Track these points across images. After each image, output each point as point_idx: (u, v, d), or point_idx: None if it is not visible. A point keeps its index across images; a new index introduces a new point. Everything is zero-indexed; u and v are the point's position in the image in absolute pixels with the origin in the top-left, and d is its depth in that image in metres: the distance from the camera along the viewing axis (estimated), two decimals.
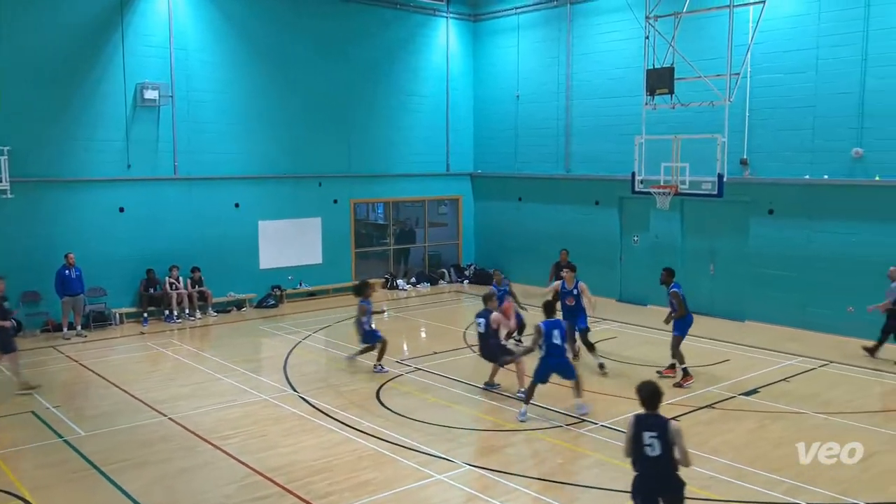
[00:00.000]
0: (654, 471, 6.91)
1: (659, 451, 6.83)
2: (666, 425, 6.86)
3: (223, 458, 9.95)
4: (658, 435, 6.82)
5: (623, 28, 19.56)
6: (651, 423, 6.90)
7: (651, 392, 6.96)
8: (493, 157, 24.03)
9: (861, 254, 15.85)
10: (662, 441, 6.81)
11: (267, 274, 20.43)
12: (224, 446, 10.32)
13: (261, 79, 20.17)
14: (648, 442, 6.85)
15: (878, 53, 15.44)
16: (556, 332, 11.31)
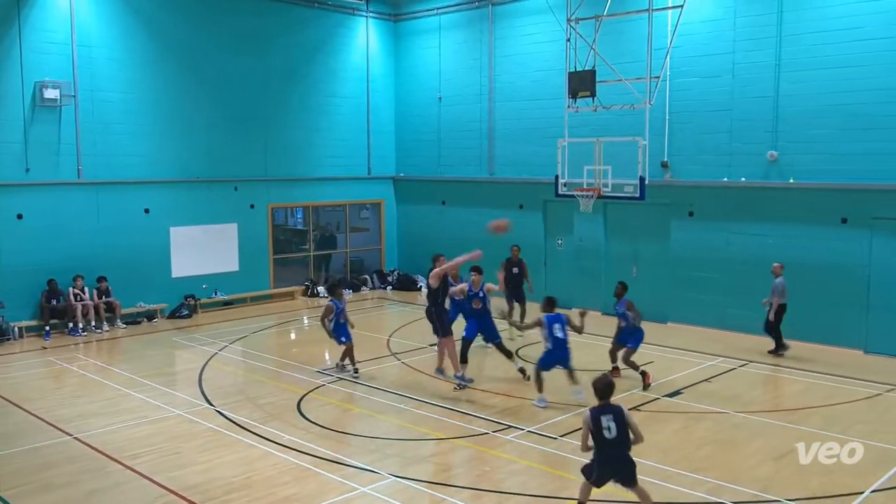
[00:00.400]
0: (612, 451, 7.82)
1: (615, 434, 7.75)
2: (621, 409, 7.86)
3: (134, 479, 9.40)
4: (614, 419, 7.77)
5: (545, 30, 19.60)
6: (607, 410, 7.84)
7: (606, 384, 7.95)
8: (415, 160, 23.78)
9: (777, 255, 16.18)
10: (618, 424, 7.76)
11: (180, 283, 19.60)
12: (135, 466, 9.75)
13: (172, 78, 19.38)
14: (606, 425, 7.76)
15: (790, 58, 15.84)
16: (556, 325, 11.87)
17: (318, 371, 14.19)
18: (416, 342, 16.36)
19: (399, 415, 11.87)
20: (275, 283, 21.77)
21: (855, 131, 15.15)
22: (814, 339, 15.69)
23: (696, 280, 17.22)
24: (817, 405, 12.17)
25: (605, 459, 7.89)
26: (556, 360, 12.08)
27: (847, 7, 15.10)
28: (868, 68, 14.87)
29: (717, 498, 8.79)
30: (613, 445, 7.80)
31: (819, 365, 14.43)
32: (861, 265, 15.25)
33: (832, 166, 15.48)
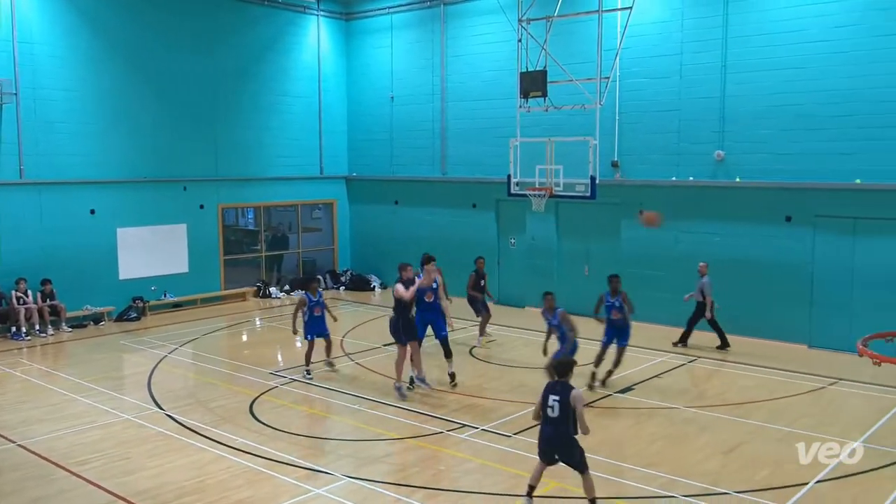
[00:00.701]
0: (552, 429, 8.10)
1: (558, 413, 8.01)
2: (569, 391, 8.01)
3: (81, 485, 9.17)
4: (560, 399, 8.00)
5: (496, 30, 19.68)
6: (557, 389, 8.11)
7: (561, 362, 8.37)
8: (368, 160, 23.67)
9: (723, 252, 16.55)
10: (562, 405, 7.98)
11: (127, 285, 19.19)
12: (82, 472, 9.52)
13: (118, 76, 18.96)
14: (551, 404, 8.06)
15: (736, 60, 16.17)
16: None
17: (271, 373, 14.03)
18: (370, 342, 16.30)
19: (353, 415, 11.81)
20: (226, 285, 21.46)
21: (798, 132, 15.53)
22: (760, 335, 16.06)
23: (646, 278, 17.45)
24: (764, 399, 12.45)
25: (543, 435, 8.27)
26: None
27: (790, 10, 15.47)
28: (810, 70, 15.27)
29: (668, 492, 8.93)
30: (553, 423, 8.10)
31: (765, 360, 14.76)
32: (805, 262, 15.65)
33: (777, 166, 15.86)
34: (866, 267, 14.95)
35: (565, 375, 8.22)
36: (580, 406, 8.01)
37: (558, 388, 8.13)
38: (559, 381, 8.21)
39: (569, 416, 8.00)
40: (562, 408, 8.00)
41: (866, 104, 14.70)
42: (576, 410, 7.99)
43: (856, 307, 15.02)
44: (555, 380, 8.26)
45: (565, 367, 8.29)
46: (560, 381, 8.19)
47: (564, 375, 8.22)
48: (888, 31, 14.38)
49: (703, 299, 15.30)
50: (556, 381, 8.23)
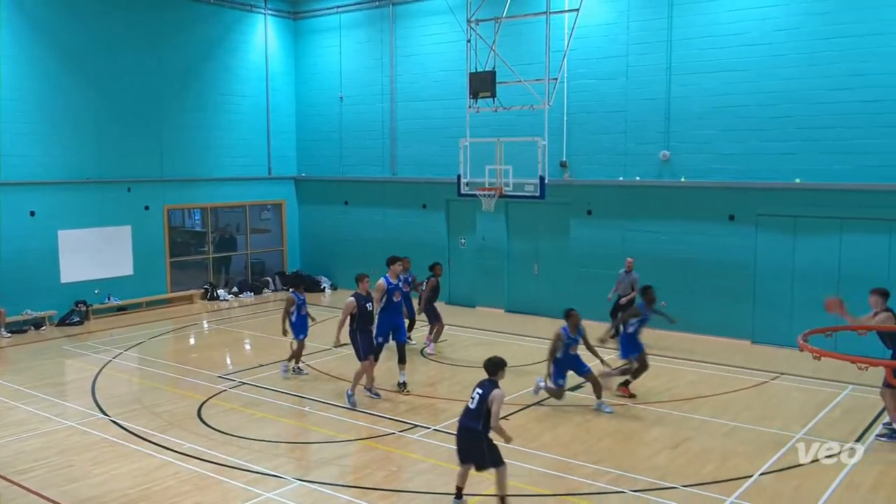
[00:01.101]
0: (465, 420, 8.28)
1: (474, 406, 8.18)
2: (491, 389, 8.15)
3: (22, 495, 8.94)
4: (481, 393, 8.16)
5: (445, 31, 19.71)
6: (483, 384, 8.28)
7: (490, 361, 8.42)
8: (317, 160, 23.49)
9: (669, 251, 16.87)
10: (481, 399, 8.13)
11: (69, 288, 18.72)
12: (23, 481, 9.28)
13: (60, 75, 18.49)
14: (473, 395, 8.25)
15: (680, 62, 16.48)
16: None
17: (219, 376, 13.84)
18: (320, 344, 16.16)
19: (303, 418, 11.72)
20: (172, 287, 21.09)
21: (740, 132, 15.90)
22: (705, 332, 16.40)
23: (594, 276, 17.67)
24: (709, 394, 12.71)
25: (458, 426, 8.43)
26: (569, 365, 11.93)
27: (733, 14, 15.82)
28: (752, 72, 15.63)
29: (617, 487, 9.06)
30: (466, 414, 8.27)
31: (710, 356, 15.08)
32: (748, 260, 16.03)
33: (720, 166, 16.21)
34: (806, 264, 15.38)
35: (495, 374, 8.34)
36: (496, 405, 8.07)
37: (485, 382, 8.30)
38: (488, 378, 8.33)
39: (482, 411, 8.10)
40: (479, 402, 8.14)
41: (805, 106, 15.12)
42: (491, 408, 8.07)
43: (797, 304, 15.43)
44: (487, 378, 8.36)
45: (495, 366, 8.38)
46: (488, 378, 8.33)
47: (494, 374, 8.34)
48: (825, 35, 14.81)
49: (632, 292, 15.69)
50: (486, 378, 8.34)
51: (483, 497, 8.84)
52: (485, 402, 8.11)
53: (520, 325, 17.89)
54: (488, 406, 8.09)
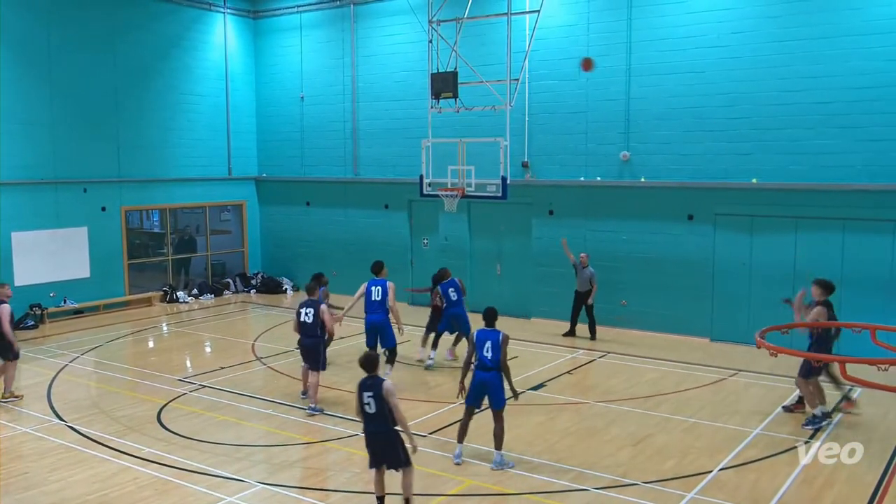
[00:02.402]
0: (372, 426, 8.06)
1: (374, 410, 7.97)
2: (380, 386, 7.95)
3: None
4: (373, 395, 7.94)
5: (407, 31, 19.69)
6: (369, 385, 8.02)
7: (366, 357, 8.20)
8: (278, 161, 23.30)
9: (630, 250, 17.07)
10: (377, 400, 7.92)
11: (24, 291, 18.25)
12: None
13: (14, 73, 18.06)
14: (366, 401, 8.00)
15: (639, 63, 16.66)
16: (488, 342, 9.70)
17: (179, 379, 13.65)
18: (282, 346, 16.05)
19: (266, 420, 11.61)
20: (130, 290, 20.75)
21: (698, 133, 16.13)
22: (664, 330, 16.62)
23: (556, 276, 17.79)
24: (669, 392, 12.88)
25: (366, 435, 8.20)
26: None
27: (692, 16, 16.04)
28: (710, 74, 15.87)
29: (579, 485, 9.14)
30: (372, 421, 8.04)
31: (670, 353, 15.29)
32: (706, 259, 16.27)
33: (679, 166, 16.43)
34: (763, 263, 15.66)
35: (369, 370, 8.10)
36: (393, 398, 7.93)
37: (369, 382, 8.04)
38: (369, 376, 8.08)
39: (384, 411, 7.95)
40: (377, 403, 7.94)
41: (760, 107, 15.40)
42: (389, 403, 7.92)
43: (754, 301, 15.70)
44: (367, 375, 8.12)
45: (372, 362, 8.17)
46: (371, 376, 8.07)
47: (373, 370, 8.12)
48: (779, 38, 15.10)
49: (591, 287, 16.20)
50: (367, 376, 8.09)
51: (449, 497, 8.85)
52: (381, 400, 7.91)
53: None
54: (387, 403, 7.93)
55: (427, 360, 14.36)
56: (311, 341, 11.76)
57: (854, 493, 8.95)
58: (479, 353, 9.63)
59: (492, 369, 9.53)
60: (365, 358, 8.19)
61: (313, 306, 11.75)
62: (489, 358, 9.52)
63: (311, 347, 11.77)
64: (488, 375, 9.55)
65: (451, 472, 9.53)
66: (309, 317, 11.69)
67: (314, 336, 11.75)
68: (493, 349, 9.53)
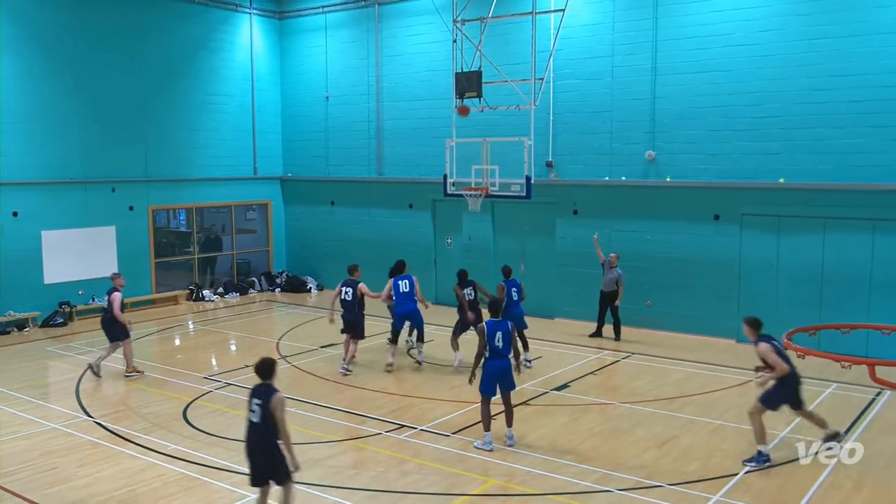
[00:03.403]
0: (253, 435, 7.62)
1: (259, 419, 7.54)
2: (270, 395, 7.53)
3: (7, 498, 8.89)
4: (262, 403, 7.53)
5: (431, 31, 19.71)
6: (259, 392, 7.63)
7: (261, 364, 7.76)
8: (303, 160, 23.43)
9: (655, 250, 16.94)
10: (263, 409, 7.50)
11: (53, 289, 18.57)
12: (7, 484, 9.21)
13: (43, 74, 18.34)
14: (253, 408, 7.60)
15: (665, 62, 16.54)
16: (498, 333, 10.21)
17: (204, 377, 13.78)
18: (307, 345, 16.14)
19: (290, 419, 11.60)
20: (157, 288, 20.97)
21: (725, 132, 15.98)
22: (690, 331, 16.48)
23: (580, 276, 17.73)
24: (694, 393, 12.78)
25: (247, 446, 7.74)
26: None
27: (717, 15, 15.90)
28: (736, 73, 15.72)
29: (604, 486, 9.09)
30: (254, 429, 7.61)
31: (696, 354, 15.16)
32: (732, 259, 16.11)
33: (705, 165, 16.29)
34: (790, 263, 15.48)
35: (269, 377, 7.70)
36: (280, 411, 7.50)
37: (260, 390, 7.64)
38: (262, 383, 7.68)
39: (269, 422, 7.51)
40: (263, 412, 7.51)
41: (789, 106, 15.22)
42: (276, 416, 7.49)
43: (781, 303, 15.53)
44: (260, 382, 7.72)
45: (267, 368, 7.73)
46: (263, 384, 7.67)
47: (268, 377, 7.69)
48: (809, 36, 14.92)
49: (617, 288, 16.03)
50: (260, 383, 7.70)
51: (472, 497, 8.85)
52: (268, 411, 7.49)
53: None
54: (273, 415, 7.49)
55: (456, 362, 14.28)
56: (351, 316, 13.91)
57: (882, 498, 8.83)
58: (492, 343, 10.20)
59: (505, 357, 10.27)
60: (261, 364, 7.76)
61: (352, 286, 13.87)
62: (502, 347, 10.19)
63: (352, 321, 13.93)
64: (503, 363, 10.27)
65: (474, 472, 9.53)
66: (348, 295, 13.86)
67: (353, 311, 13.87)
68: (503, 339, 10.21)
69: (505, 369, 10.28)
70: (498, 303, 10.65)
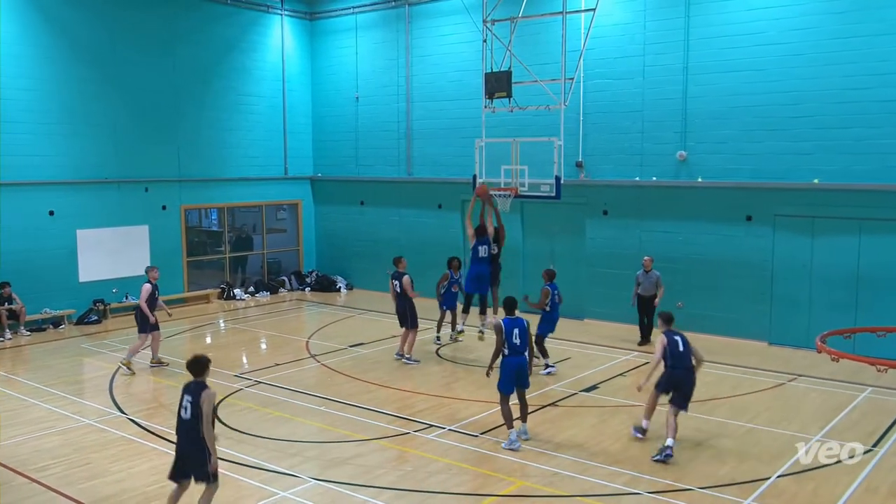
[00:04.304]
0: (182, 431, 7.68)
1: (189, 415, 7.59)
2: (201, 391, 7.59)
3: (42, 492, 9.02)
4: (192, 400, 7.59)
5: (461, 31, 19.73)
6: (190, 389, 7.69)
7: (193, 361, 7.82)
8: (333, 160, 23.56)
9: (686, 251, 16.78)
10: (194, 406, 7.55)
11: (88, 287, 18.88)
12: (42, 479, 9.35)
13: (78, 75, 18.64)
14: (184, 405, 7.65)
15: (697, 62, 16.39)
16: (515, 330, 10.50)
17: (235, 375, 13.90)
18: (336, 344, 16.23)
19: (319, 417, 11.74)
20: (189, 287, 21.22)
21: (758, 132, 15.79)
22: (721, 333, 16.28)
23: (610, 277, 17.63)
24: (726, 396, 12.64)
25: (177, 442, 7.80)
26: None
27: (750, 14, 15.72)
28: (769, 72, 15.52)
29: (633, 489, 9.03)
30: (184, 427, 7.65)
31: (726, 357, 14.96)
32: (765, 261, 15.91)
33: (737, 166, 16.11)
34: (824, 265, 15.25)
35: (201, 374, 7.77)
36: (207, 406, 7.55)
37: (192, 387, 7.70)
38: (194, 380, 7.75)
39: (198, 417, 7.55)
40: (193, 409, 7.56)
41: (823, 105, 14.99)
42: (202, 410, 7.53)
43: (814, 305, 15.32)
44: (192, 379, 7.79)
45: (201, 366, 7.81)
46: (195, 381, 7.75)
47: (200, 374, 7.77)
48: (842, 35, 14.68)
49: (657, 291, 15.70)
50: (192, 380, 7.77)
51: (501, 497, 8.84)
52: (198, 407, 7.55)
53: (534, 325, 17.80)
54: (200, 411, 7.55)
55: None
56: (401, 307, 14.52)
57: None
58: (509, 340, 10.38)
59: (522, 353, 10.48)
60: (193, 361, 7.83)
61: (399, 278, 14.47)
62: (519, 344, 10.40)
63: (401, 311, 14.57)
64: (520, 359, 10.47)
65: (502, 473, 9.52)
66: (398, 287, 14.47)
67: (402, 302, 14.42)
68: (521, 335, 10.44)
69: (521, 366, 10.45)
70: (510, 301, 10.82)
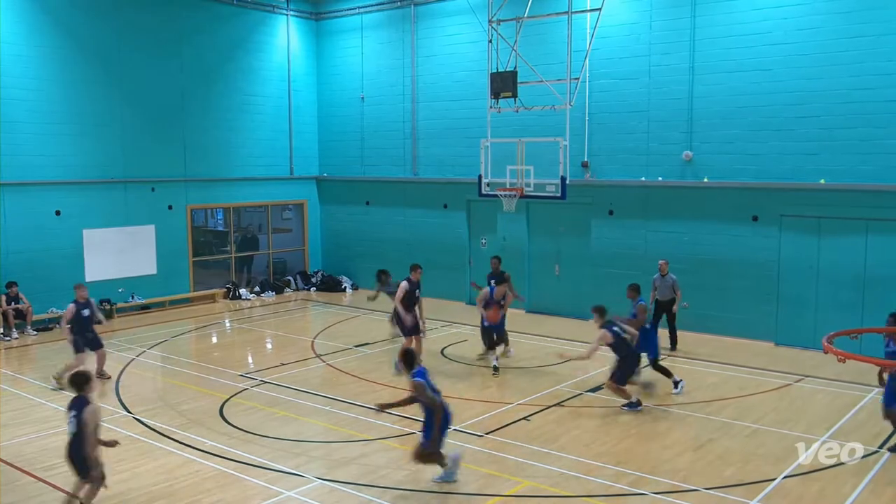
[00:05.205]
0: (70, 446, 7.85)
1: (74, 430, 7.78)
2: (84, 407, 7.76)
3: (49, 491, 9.05)
4: (76, 415, 7.76)
5: (467, 31, 19.72)
6: (74, 404, 7.85)
7: (75, 376, 8.01)
8: (338, 160, 23.59)
9: (692, 252, 16.75)
10: (78, 420, 7.72)
11: (94, 287, 18.70)
12: (49, 478, 9.39)
13: (84, 76, 18.70)
14: (69, 420, 7.81)
15: (703, 61, 16.35)
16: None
17: (241, 375, 13.93)
18: (341, 344, 16.25)
19: (324, 417, 11.76)
20: (195, 286, 21.27)
21: (764, 132, 15.75)
22: (727, 333, 16.27)
23: (615, 277, 17.54)
24: (732, 396, 12.61)
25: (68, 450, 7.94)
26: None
27: (756, 14, 15.68)
28: (775, 72, 15.48)
29: (638, 489, 9.01)
30: (71, 441, 7.86)
31: (732, 357, 14.95)
32: (771, 261, 15.87)
33: (743, 166, 16.07)
34: (830, 266, 15.21)
35: (82, 389, 7.88)
36: (91, 424, 7.72)
37: (76, 402, 7.84)
38: (77, 396, 7.87)
39: (84, 432, 7.73)
40: (77, 423, 7.74)
41: (829, 105, 14.95)
42: (86, 426, 7.70)
43: (820, 305, 15.27)
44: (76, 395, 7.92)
45: (81, 381, 7.93)
46: (78, 396, 7.86)
47: (81, 389, 7.89)
48: (849, 35, 14.64)
49: (675, 294, 15.28)
50: (75, 396, 7.89)
51: (506, 497, 8.84)
52: (82, 421, 7.73)
53: (540, 325, 17.85)
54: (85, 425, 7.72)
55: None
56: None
57: None
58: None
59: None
60: (75, 376, 8.04)
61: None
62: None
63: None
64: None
65: (507, 473, 9.51)
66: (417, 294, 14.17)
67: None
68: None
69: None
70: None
